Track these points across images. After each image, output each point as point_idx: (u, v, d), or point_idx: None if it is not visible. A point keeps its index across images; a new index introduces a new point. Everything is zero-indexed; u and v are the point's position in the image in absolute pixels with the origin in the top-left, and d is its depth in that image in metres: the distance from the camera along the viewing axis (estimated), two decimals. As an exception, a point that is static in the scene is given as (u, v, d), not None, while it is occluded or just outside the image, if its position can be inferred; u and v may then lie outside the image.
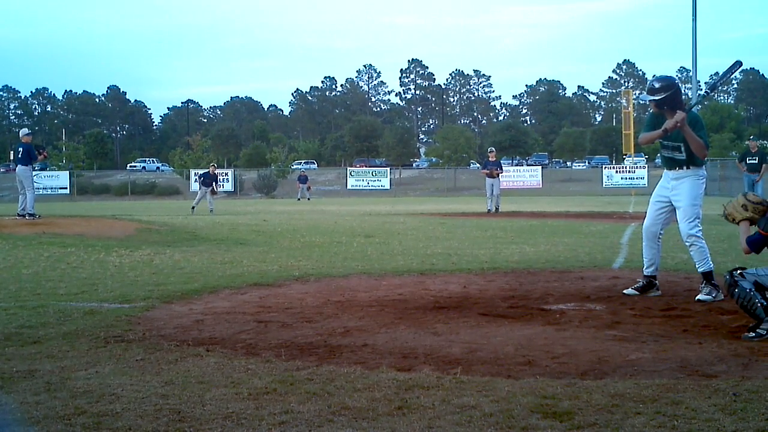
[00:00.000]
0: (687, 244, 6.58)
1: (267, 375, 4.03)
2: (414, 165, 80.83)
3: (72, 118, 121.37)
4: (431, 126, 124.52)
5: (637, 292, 6.75)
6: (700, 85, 37.96)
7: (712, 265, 6.50)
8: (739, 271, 5.11)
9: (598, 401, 3.44)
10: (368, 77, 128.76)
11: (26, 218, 14.92)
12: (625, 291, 6.85)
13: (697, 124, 6.46)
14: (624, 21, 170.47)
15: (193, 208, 25.52)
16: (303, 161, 76.55)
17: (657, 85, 6.55)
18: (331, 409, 3.40)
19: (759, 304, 4.95)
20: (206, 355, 4.54)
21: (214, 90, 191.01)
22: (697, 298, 6.41)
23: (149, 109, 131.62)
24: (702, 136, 6.45)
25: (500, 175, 23.64)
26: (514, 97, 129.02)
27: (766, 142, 58.29)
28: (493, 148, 26.05)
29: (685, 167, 6.56)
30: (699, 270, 6.55)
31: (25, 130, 16.77)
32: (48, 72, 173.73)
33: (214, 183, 27.15)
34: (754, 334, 4.92)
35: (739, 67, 6.69)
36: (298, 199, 43.46)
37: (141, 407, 3.46)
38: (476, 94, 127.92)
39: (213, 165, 30.85)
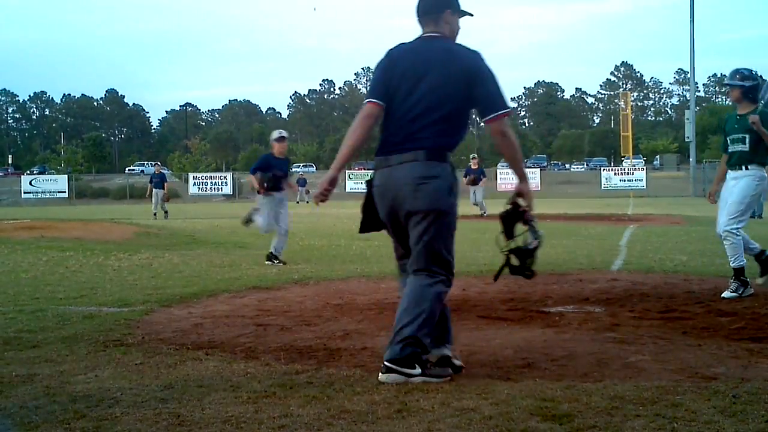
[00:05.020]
0: (721, 237, 6.66)
1: (266, 378, 4.02)
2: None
3: (70, 121, 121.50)
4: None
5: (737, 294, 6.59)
6: (698, 86, 37.97)
7: (744, 262, 6.58)
8: None
9: (598, 404, 3.44)
10: (367, 80, 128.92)
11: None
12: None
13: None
14: (622, 23, 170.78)
15: (154, 214, 24.51)
16: (301, 164, 76.55)
17: (747, 73, 6.73)
18: (330, 412, 3.39)
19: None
20: (205, 358, 4.53)
21: (213, 93, 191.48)
22: (723, 295, 6.48)
23: (147, 112, 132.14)
24: None
25: (483, 181, 24.52)
26: (512, 99, 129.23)
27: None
28: (476, 155, 26.29)
29: (744, 167, 6.68)
30: (732, 265, 6.64)
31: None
32: (46, 76, 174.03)
33: (164, 183, 25.51)
34: None
35: None
36: (297, 202, 43.47)
37: (140, 411, 3.45)
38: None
39: (157, 164, 29.07)
